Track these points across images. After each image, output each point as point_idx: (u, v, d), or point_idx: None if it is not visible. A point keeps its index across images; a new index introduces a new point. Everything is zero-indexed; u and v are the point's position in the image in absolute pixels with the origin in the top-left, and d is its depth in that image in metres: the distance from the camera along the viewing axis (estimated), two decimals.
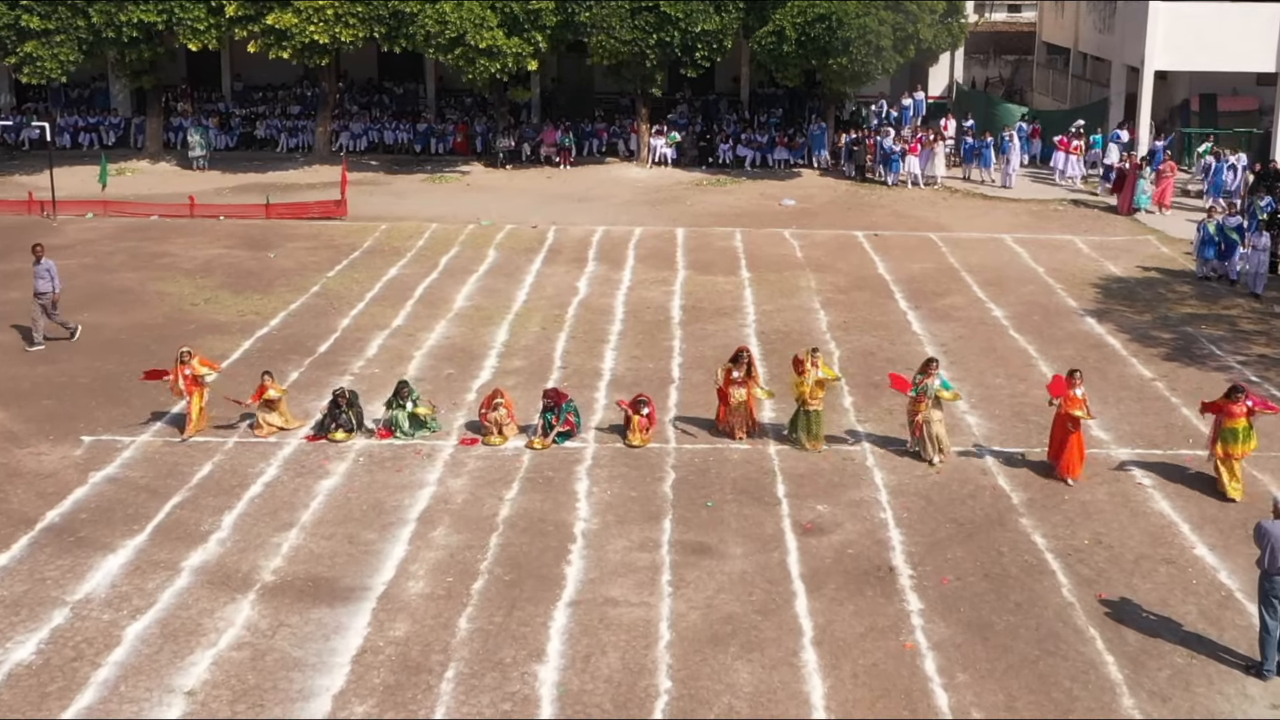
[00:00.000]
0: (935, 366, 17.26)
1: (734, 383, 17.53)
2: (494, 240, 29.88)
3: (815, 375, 17.26)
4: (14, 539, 14.70)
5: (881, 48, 34.88)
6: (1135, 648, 12.57)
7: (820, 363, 17.64)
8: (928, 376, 17.00)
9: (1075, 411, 16.28)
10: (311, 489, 16.13)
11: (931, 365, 17.26)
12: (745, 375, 17.57)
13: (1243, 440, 15.96)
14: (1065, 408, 16.40)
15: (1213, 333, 23.28)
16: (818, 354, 17.70)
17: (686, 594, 13.59)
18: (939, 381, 17.06)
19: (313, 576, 13.88)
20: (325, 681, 11.87)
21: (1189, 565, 14.37)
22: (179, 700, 11.57)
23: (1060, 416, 16.53)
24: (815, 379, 17.26)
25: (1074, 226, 32.25)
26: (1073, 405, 16.32)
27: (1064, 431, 16.44)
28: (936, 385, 16.96)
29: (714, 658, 12.34)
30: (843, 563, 14.34)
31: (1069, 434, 16.36)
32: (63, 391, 19.64)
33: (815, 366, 17.38)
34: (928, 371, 17.08)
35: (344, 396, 17.70)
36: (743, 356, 17.77)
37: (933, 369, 17.13)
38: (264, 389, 17.81)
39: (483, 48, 34.74)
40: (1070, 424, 16.33)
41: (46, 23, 34.88)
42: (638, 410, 17.59)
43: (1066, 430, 16.38)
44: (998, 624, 13.02)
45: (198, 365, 17.73)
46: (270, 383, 17.93)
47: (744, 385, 17.61)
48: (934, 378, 16.98)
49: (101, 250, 28.74)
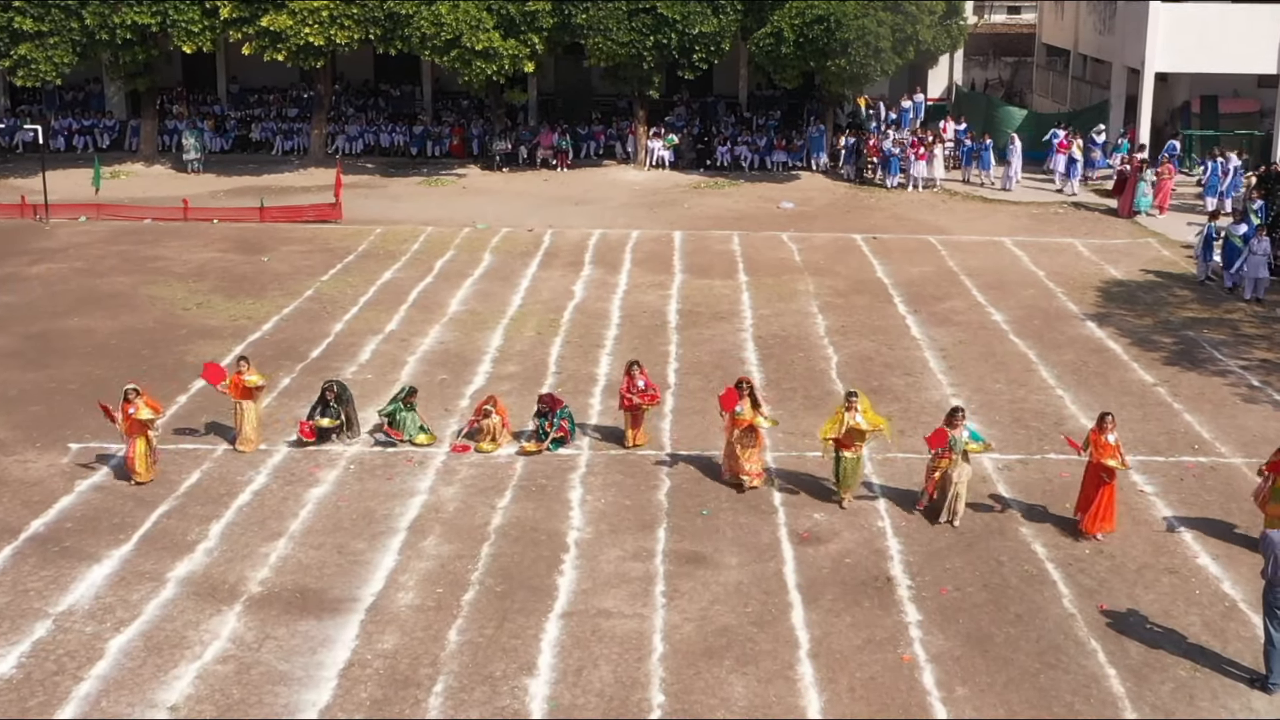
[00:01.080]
0: (962, 416, 15.28)
1: (738, 420, 15.86)
2: (490, 244, 29.64)
3: (852, 421, 15.21)
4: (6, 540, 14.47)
5: (880, 49, 34.63)
6: (1138, 660, 12.34)
7: (861, 406, 15.45)
8: (954, 428, 15.02)
9: (1109, 461, 14.58)
10: (301, 497, 15.90)
11: (958, 415, 15.22)
12: (751, 406, 15.95)
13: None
14: (1097, 456, 14.68)
15: (1214, 337, 23.06)
16: (856, 398, 15.51)
17: (681, 605, 13.35)
18: (967, 433, 15.20)
19: (300, 588, 13.64)
20: (311, 696, 11.64)
21: (1192, 575, 14.15)
22: (162, 715, 11.34)
23: (1092, 467, 14.77)
24: (851, 425, 15.23)
25: (1074, 229, 32.03)
26: (1105, 453, 14.62)
27: (1096, 483, 14.71)
28: (965, 437, 15.09)
29: (708, 671, 12.11)
30: (840, 573, 14.10)
31: (1101, 485, 14.67)
32: (51, 397, 19.40)
33: (853, 411, 15.29)
34: (954, 423, 15.07)
35: (332, 390, 17.45)
36: (743, 388, 16.06)
37: (959, 419, 15.15)
38: (239, 376, 17.07)
39: (479, 49, 34.50)
40: (1104, 474, 14.62)
41: (40, 25, 34.64)
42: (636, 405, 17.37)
43: (1099, 481, 14.67)
44: (997, 636, 12.79)
45: (143, 406, 16.04)
46: (247, 369, 17.19)
47: (747, 421, 15.91)
48: (961, 429, 15.09)
49: (93, 254, 28.50)
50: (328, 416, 17.31)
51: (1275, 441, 17.86)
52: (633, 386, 17.13)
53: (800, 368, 21.11)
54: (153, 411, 16.11)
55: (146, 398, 16.22)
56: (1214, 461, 17.32)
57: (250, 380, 17.07)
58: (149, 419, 15.99)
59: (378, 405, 18.28)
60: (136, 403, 15.97)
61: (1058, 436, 17.96)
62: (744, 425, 15.82)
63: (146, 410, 16.00)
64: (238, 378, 17.06)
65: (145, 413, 15.97)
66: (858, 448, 15.40)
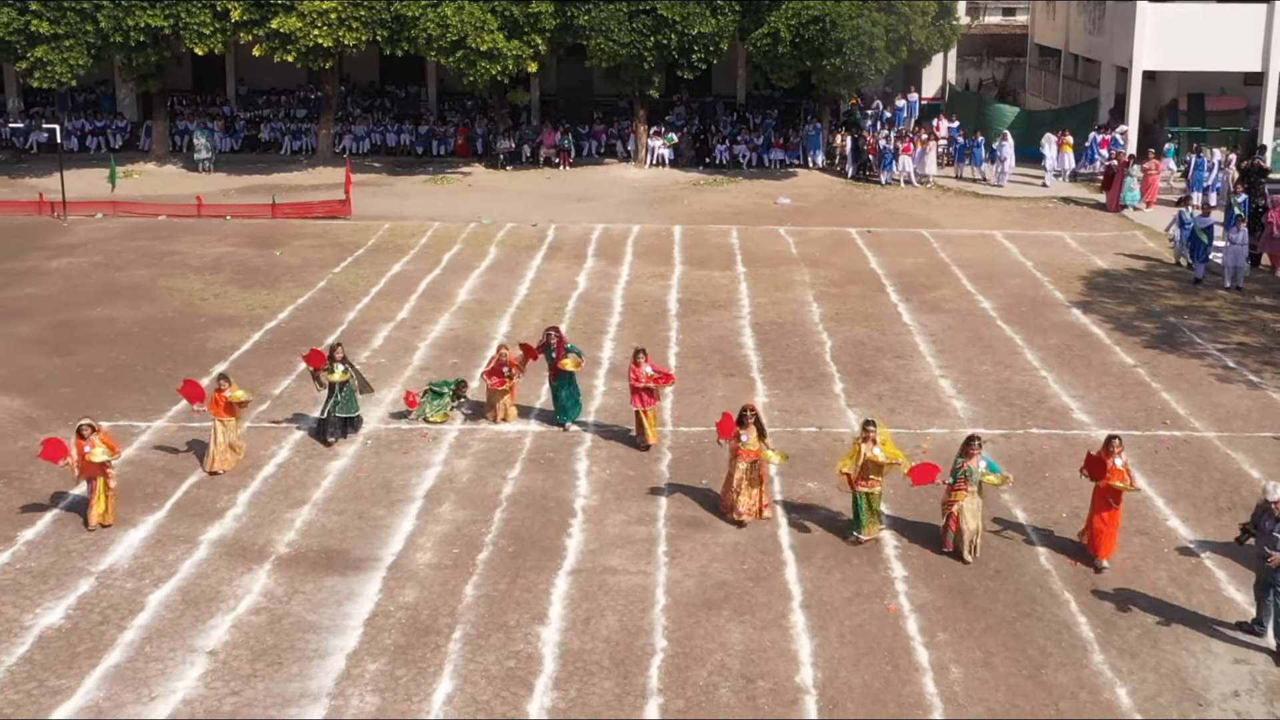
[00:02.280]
0: (978, 446, 14.34)
1: (743, 451, 14.98)
2: (495, 238, 30.56)
3: (869, 453, 14.32)
4: (39, 516, 15.38)
5: (875, 49, 35.56)
6: (1107, 610, 13.24)
7: (879, 438, 14.49)
8: (969, 458, 14.25)
9: (1117, 484, 14.11)
10: (322, 469, 16.80)
11: (973, 445, 14.31)
12: (757, 435, 15.01)
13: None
14: (1106, 480, 14.18)
15: (1194, 323, 23.96)
16: (874, 428, 14.51)
17: (681, 563, 14.26)
18: (984, 464, 14.36)
19: (325, 549, 14.55)
20: (339, 642, 12.53)
21: (1162, 536, 15.05)
22: (201, 659, 12.23)
23: (1100, 491, 14.25)
24: (868, 457, 14.34)
25: (1063, 223, 32.95)
26: (1114, 477, 14.17)
27: (1103, 507, 14.20)
28: (982, 469, 14.28)
29: (707, 620, 13.01)
30: (831, 535, 15.00)
31: (1107, 509, 14.18)
32: (79, 380, 20.31)
33: (870, 443, 14.39)
34: (969, 453, 14.27)
35: (338, 348, 17.82)
36: (748, 416, 15.06)
37: (975, 449, 14.27)
38: (220, 394, 16.64)
39: (483, 50, 35.44)
40: (1111, 498, 14.14)
41: (56, 27, 35.55)
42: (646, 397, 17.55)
43: (1105, 505, 14.18)
44: (977, 589, 13.69)
45: (99, 444, 14.83)
46: (228, 386, 16.75)
47: (753, 453, 15.01)
48: (977, 459, 14.26)
49: (111, 249, 29.41)
50: (339, 370, 17.39)
51: (1247, 417, 18.90)
52: (640, 374, 17.30)
53: (796, 352, 22.01)
54: (108, 452, 14.87)
55: (103, 434, 15.07)
56: (1188, 435, 18.22)
57: (236, 396, 16.69)
58: (104, 460, 14.77)
59: (393, 388, 19.18)
60: (93, 440, 14.78)
61: (1040, 413, 18.95)
62: (749, 457, 14.91)
63: (101, 451, 14.77)
64: (219, 395, 16.65)
65: (100, 453, 14.74)
66: (874, 482, 14.45)
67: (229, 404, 16.62)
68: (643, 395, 17.31)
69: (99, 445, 14.77)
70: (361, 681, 11.89)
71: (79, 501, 15.59)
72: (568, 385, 18.06)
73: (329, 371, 17.45)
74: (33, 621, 12.91)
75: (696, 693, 11.77)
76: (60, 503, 15.77)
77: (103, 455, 14.74)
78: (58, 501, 15.82)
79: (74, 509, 15.53)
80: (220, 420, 16.59)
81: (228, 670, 12.07)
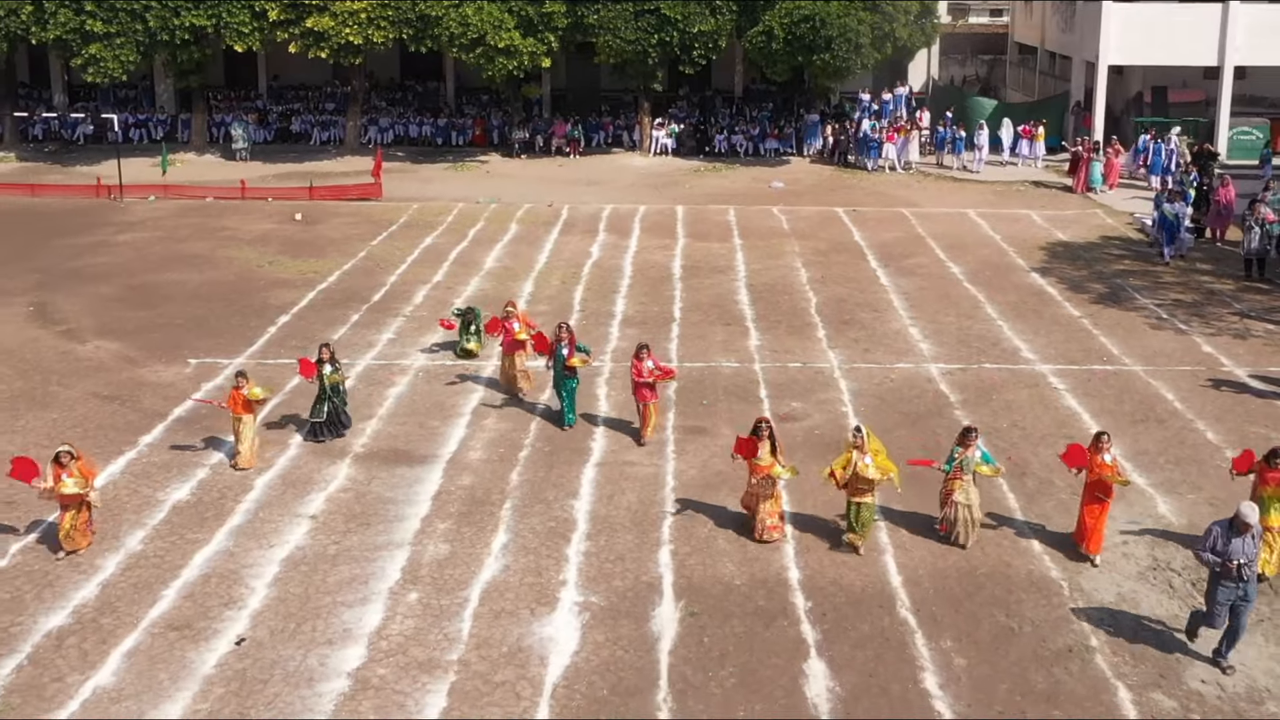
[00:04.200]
0: (975, 437, 14.85)
1: (756, 466, 14.88)
2: (515, 216, 33.69)
3: (861, 465, 14.31)
4: (152, 426, 18.53)
5: (861, 45, 38.70)
6: (1032, 485, 16.42)
7: (871, 447, 14.50)
8: (966, 448, 14.73)
9: (1107, 477, 14.40)
10: (383, 394, 19.94)
11: (970, 436, 14.83)
12: (770, 451, 14.84)
13: (1273, 510, 13.76)
14: (1095, 474, 14.47)
15: (1138, 284, 27.08)
16: (863, 435, 14.58)
17: (687, 459, 17.40)
18: (979, 454, 14.83)
19: (393, 449, 17.69)
20: (413, 510, 15.68)
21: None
22: (305, 521, 15.37)
23: (1089, 486, 14.56)
24: (860, 471, 14.32)
25: (1032, 203, 36.08)
26: (1104, 471, 14.45)
27: (1093, 501, 14.51)
28: (976, 458, 14.76)
29: (707, 495, 16.16)
30: (810, 439, 18.14)
31: (1097, 503, 14.48)
32: (163, 329, 23.44)
33: (861, 450, 14.37)
34: (966, 443, 14.78)
35: (325, 348, 18.21)
36: (762, 429, 14.89)
37: (971, 440, 14.78)
38: (237, 392, 16.86)
39: (501, 47, 38.58)
40: (1100, 493, 14.43)
41: (109, 26, 38.67)
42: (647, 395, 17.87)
43: (1095, 499, 14.48)
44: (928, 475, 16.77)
45: (76, 473, 14.22)
46: (246, 384, 16.94)
47: (766, 469, 14.86)
48: (973, 449, 14.75)
49: (169, 225, 32.55)
50: (337, 372, 17.87)
51: (1170, 355, 22.02)
52: (642, 369, 17.63)
53: (785, 306, 25.14)
54: (82, 483, 14.25)
55: (82, 464, 14.41)
56: (1117, 369, 21.35)
57: (253, 394, 16.86)
58: (74, 493, 14.19)
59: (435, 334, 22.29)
60: (72, 468, 14.19)
61: (993, 353, 22.07)
62: (762, 473, 14.82)
63: (73, 483, 14.19)
64: (236, 393, 16.81)
65: (70, 485, 14.17)
66: (866, 494, 14.51)
67: (246, 401, 16.82)
68: (645, 390, 17.75)
69: (75, 475, 14.17)
70: (434, 535, 15.04)
71: (184, 417, 18.75)
72: (573, 384, 18.40)
73: (334, 371, 17.69)
74: (165, 497, 16.05)
75: (699, 543, 14.91)
76: (170, 415, 18.87)
77: (73, 488, 14.09)
78: (168, 414, 18.93)
79: (185, 420, 18.66)
80: (238, 417, 16.84)
81: (327, 528, 15.22)
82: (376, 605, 13.41)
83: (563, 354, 18.26)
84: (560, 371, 18.35)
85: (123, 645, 12.63)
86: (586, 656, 12.49)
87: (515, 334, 19.32)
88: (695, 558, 14.58)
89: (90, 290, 26.10)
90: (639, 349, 17.85)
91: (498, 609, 13.35)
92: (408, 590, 13.74)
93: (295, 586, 13.81)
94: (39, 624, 13.04)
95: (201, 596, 13.59)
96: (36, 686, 11.93)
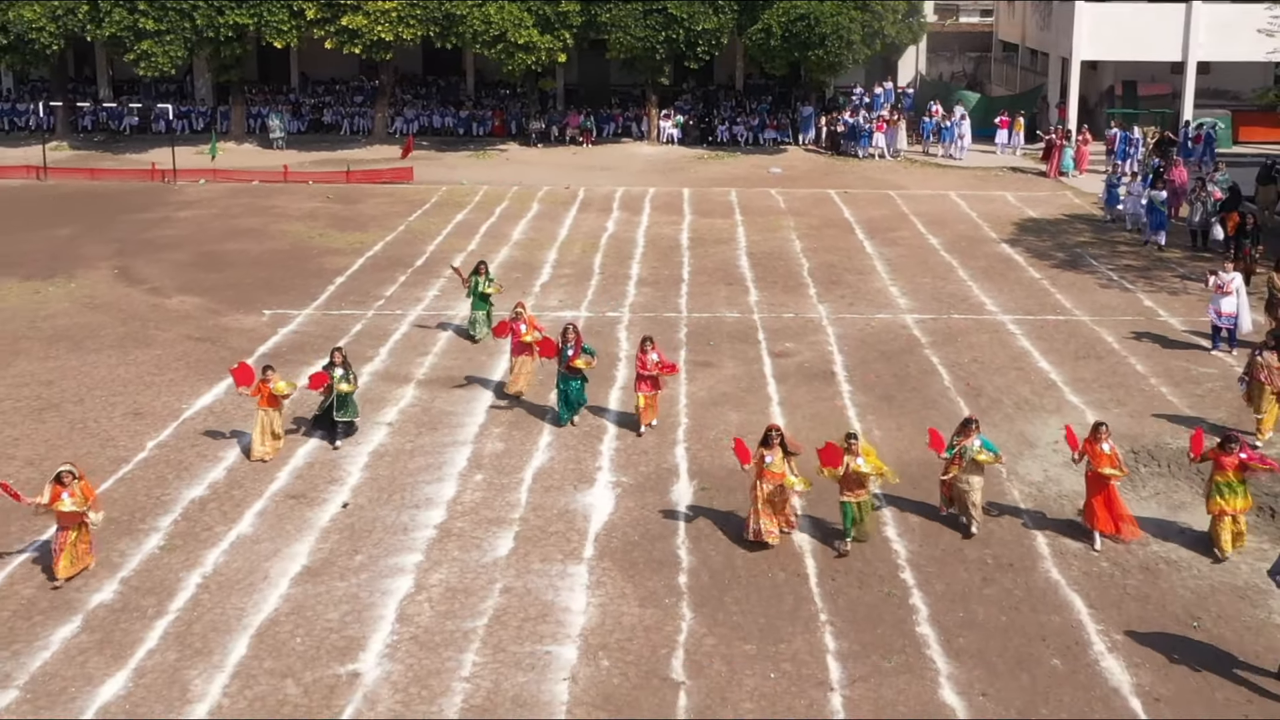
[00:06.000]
0: (975, 427, 15.43)
1: (768, 473, 14.76)
2: (535, 197, 37.02)
3: (853, 465, 14.58)
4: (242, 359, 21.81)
5: (852, 42, 42.04)
6: (984, 403, 19.70)
7: (861, 449, 14.78)
8: (966, 438, 15.28)
9: (1105, 469, 14.85)
10: (435, 335, 23.28)
11: (971, 426, 15.43)
12: (782, 457, 14.82)
13: (1240, 496, 14.55)
14: (1095, 465, 14.97)
15: (1096, 253, 30.41)
16: (855, 440, 14.86)
17: (697, 384, 20.72)
18: (979, 442, 15.28)
19: (449, 376, 21.02)
20: (471, 419, 19.01)
21: (1031, 370, 21.50)
22: (383, 428, 18.71)
23: (1090, 477, 15.14)
24: (853, 469, 14.59)
25: (1008, 186, 39.43)
26: (1102, 463, 14.91)
27: (1098, 490, 15.00)
28: (976, 446, 15.20)
29: (714, 410, 19.49)
30: (801, 370, 21.48)
31: (1101, 490, 14.98)
32: (235, 287, 26.77)
33: (853, 455, 14.64)
34: (966, 432, 15.35)
35: (337, 352, 18.50)
36: (773, 437, 14.88)
37: (972, 430, 15.35)
38: (264, 385, 17.39)
39: (520, 44, 41.93)
40: (1102, 478, 14.97)
41: (159, 24, 42.02)
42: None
43: (1100, 489, 14.98)
44: (898, 396, 20.16)
45: (77, 492, 13.86)
46: (273, 378, 17.48)
47: (778, 476, 14.81)
48: (973, 438, 15.26)
49: (222, 204, 35.89)
50: (345, 382, 17.97)
51: (1115, 308, 25.36)
52: (646, 361, 18.24)
53: (780, 270, 28.47)
54: (82, 502, 13.90)
55: (85, 484, 14.08)
56: (1067, 319, 24.66)
57: (279, 388, 17.32)
58: (73, 510, 13.81)
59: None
60: (72, 488, 13.82)
61: (962, 307, 25.38)
62: (774, 480, 14.75)
63: (71, 502, 13.79)
64: (264, 386, 17.31)
65: (68, 503, 13.76)
66: (859, 493, 14.76)
67: (271, 395, 17.28)
68: (647, 383, 18.32)
69: (76, 494, 13.85)
70: (491, 436, 18.38)
71: (268, 352, 22.10)
72: (576, 384, 18.78)
73: (344, 379, 17.87)
74: None
75: (708, 443, 18.23)
76: (256, 351, 22.21)
77: (70, 505, 13.76)
78: (254, 350, 22.28)
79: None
80: (264, 410, 17.29)
81: (402, 433, 18.55)
82: (450, 483, 16.75)
83: (567, 355, 18.47)
84: (562, 373, 18.61)
85: (253, 508, 15.98)
86: (620, 516, 15.83)
87: (521, 335, 19.53)
88: (705, 452, 17.92)
89: (164, 257, 29.44)
90: (643, 341, 18.51)
91: (547, 485, 16.68)
92: (474, 473, 17.09)
93: (383, 470, 17.17)
94: (183, 495, 16.38)
95: (310, 477, 16.94)
96: (192, 534, 15.27)
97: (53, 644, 12.84)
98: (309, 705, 11.80)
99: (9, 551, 14.85)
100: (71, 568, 13.97)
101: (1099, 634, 13.13)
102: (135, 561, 14.59)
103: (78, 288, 26.67)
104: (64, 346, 22.59)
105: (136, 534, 15.25)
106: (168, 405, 19.66)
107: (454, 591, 13.92)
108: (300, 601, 13.68)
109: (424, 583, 14.10)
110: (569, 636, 13.00)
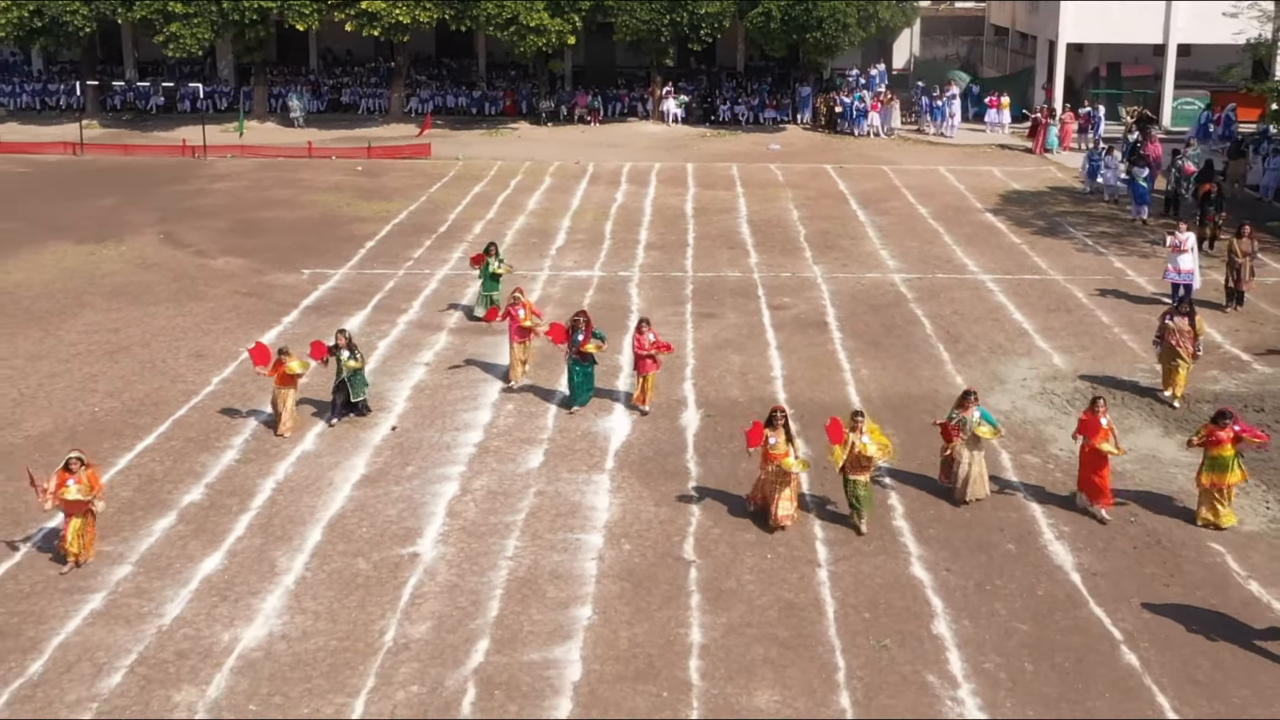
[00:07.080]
0: (974, 399, 15.67)
1: (770, 454, 14.90)
2: (547, 171, 39.14)
3: (858, 444, 14.68)
4: (288, 311, 24.03)
5: (848, 25, 44.11)
6: (961, 348, 21.88)
7: (867, 427, 14.89)
8: (965, 410, 15.51)
9: (1103, 445, 15.14)
10: (462, 291, 25.41)
11: (970, 398, 15.65)
12: (785, 440, 14.92)
13: (1231, 469, 14.84)
14: (1092, 441, 15.20)
15: (1075, 221, 32.55)
16: (861, 418, 14.96)
17: (702, 332, 22.89)
18: (978, 413, 15.55)
19: (478, 328, 23.17)
20: (500, 361, 21.12)
21: (1006, 320, 23.67)
22: (422, 368, 20.89)
23: (1086, 453, 15.39)
24: (859, 449, 14.68)
25: (995, 161, 41.55)
26: (1100, 437, 15.16)
27: (1094, 462, 15.35)
28: (976, 419, 15.46)
29: (718, 353, 21.67)
30: (797, 320, 23.65)
31: (1099, 463, 15.33)
32: (274, 250, 28.92)
33: (859, 433, 14.76)
34: (965, 404, 15.57)
35: (342, 334, 18.84)
36: (777, 418, 15.02)
37: (971, 401, 15.57)
38: (281, 365, 17.74)
39: (532, 26, 43.99)
40: (1097, 456, 15.30)
41: (188, 7, 44.05)
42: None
43: (1096, 462, 15.32)
44: (884, 341, 22.32)
45: (84, 479, 13.85)
46: (288, 359, 17.80)
47: (780, 456, 14.87)
48: (972, 410, 15.51)
49: (253, 177, 38.02)
50: (354, 359, 18.35)
51: (1086, 269, 27.52)
52: (644, 342, 18.71)
53: (778, 236, 30.62)
54: (88, 490, 13.88)
55: (91, 472, 14.08)
56: (1042, 278, 26.82)
57: (291, 368, 17.68)
58: (77, 499, 13.79)
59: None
60: (79, 475, 13.81)
61: (946, 268, 27.51)
62: (776, 460, 14.85)
63: (77, 489, 13.77)
64: (280, 366, 17.71)
65: (74, 491, 13.75)
66: (865, 470, 14.88)
67: (285, 375, 17.74)
68: (646, 361, 18.71)
69: (83, 482, 13.85)
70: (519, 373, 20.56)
71: (311, 305, 24.27)
72: (585, 370, 18.99)
73: (351, 358, 18.21)
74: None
75: (713, 378, 20.42)
76: (300, 305, 24.37)
77: (76, 494, 13.75)
78: (298, 304, 24.45)
79: (313, 307, 24.15)
80: (280, 389, 17.87)
81: (439, 371, 20.75)
82: (485, 410, 18.95)
83: (578, 340, 18.66)
84: (573, 357, 18.80)
85: (313, 430, 18.17)
86: (636, 437, 18.03)
87: (520, 320, 19.65)
88: (710, 387, 20.11)
89: (205, 224, 31.59)
90: (640, 323, 19.16)
91: (572, 413, 18.86)
92: (505, 403, 19.29)
93: (425, 400, 19.38)
94: (250, 421, 18.56)
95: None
96: (262, 450, 17.47)
97: (155, 532, 15.04)
98: (379, 577, 14.00)
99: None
100: (83, 552, 13.98)
101: (1049, 525, 15.34)
102: (216, 471, 16.79)
103: (128, 250, 28.84)
104: (124, 300, 24.77)
105: (214, 450, 17.46)
106: (225, 349, 21.83)
107: (494, 494, 16.12)
108: (362, 501, 15.88)
109: (468, 487, 16.31)
110: (595, 527, 15.20)
